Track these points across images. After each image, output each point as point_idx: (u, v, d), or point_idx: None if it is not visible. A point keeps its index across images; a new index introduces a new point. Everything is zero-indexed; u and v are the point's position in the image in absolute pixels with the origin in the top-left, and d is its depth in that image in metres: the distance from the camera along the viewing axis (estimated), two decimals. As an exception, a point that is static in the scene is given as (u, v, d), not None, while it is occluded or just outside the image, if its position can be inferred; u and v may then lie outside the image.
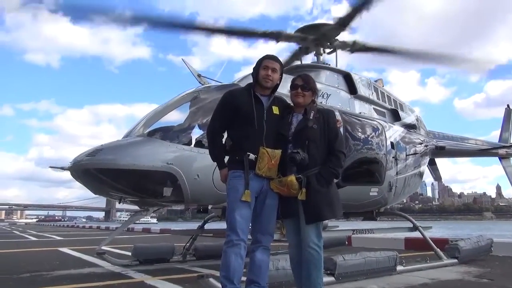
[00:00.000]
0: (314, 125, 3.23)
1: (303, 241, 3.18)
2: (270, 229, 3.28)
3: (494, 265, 6.14)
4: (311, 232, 3.15)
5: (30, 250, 10.64)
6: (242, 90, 3.43)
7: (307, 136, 3.19)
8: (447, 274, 5.23)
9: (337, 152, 3.26)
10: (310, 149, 3.15)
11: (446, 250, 6.33)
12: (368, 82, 7.75)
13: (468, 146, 11.65)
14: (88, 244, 11.30)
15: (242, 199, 3.07)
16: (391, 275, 5.07)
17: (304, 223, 3.14)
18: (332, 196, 3.21)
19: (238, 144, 3.22)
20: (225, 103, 3.36)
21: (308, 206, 3.10)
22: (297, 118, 3.34)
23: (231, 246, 3.06)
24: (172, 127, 5.20)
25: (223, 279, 3.03)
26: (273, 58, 3.38)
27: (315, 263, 3.13)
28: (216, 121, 3.38)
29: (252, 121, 3.17)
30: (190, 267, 6.34)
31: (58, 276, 5.50)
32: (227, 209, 3.17)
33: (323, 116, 3.33)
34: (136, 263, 6.43)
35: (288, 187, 3.09)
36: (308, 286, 3.16)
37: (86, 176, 4.66)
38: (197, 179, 4.72)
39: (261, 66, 3.33)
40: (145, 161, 4.55)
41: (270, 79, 3.29)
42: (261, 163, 3.11)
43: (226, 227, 3.16)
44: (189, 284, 4.51)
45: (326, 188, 3.15)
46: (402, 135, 7.76)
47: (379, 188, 6.67)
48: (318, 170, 3.15)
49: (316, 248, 3.14)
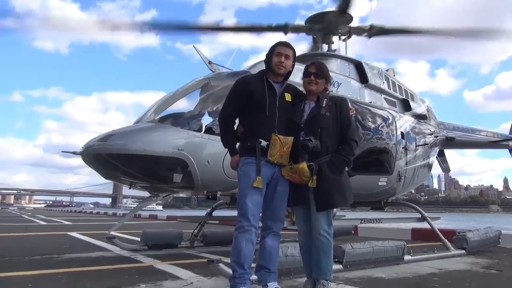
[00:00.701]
0: (326, 112, 3.23)
1: (313, 228, 3.20)
2: (281, 216, 3.30)
3: (502, 256, 6.13)
4: (322, 219, 3.16)
5: (40, 234, 10.81)
6: (254, 77, 3.43)
7: (319, 124, 3.18)
8: (455, 265, 5.23)
9: (349, 140, 3.25)
10: (322, 136, 3.15)
11: (454, 241, 6.33)
12: (379, 71, 7.68)
13: (479, 138, 11.54)
14: (96, 229, 11.45)
15: (253, 186, 3.09)
16: (399, 264, 5.08)
17: (315, 210, 3.15)
18: (343, 184, 3.22)
19: (250, 131, 3.23)
20: (238, 89, 3.36)
21: (319, 194, 3.11)
22: (309, 106, 3.34)
23: (242, 232, 3.08)
24: (183, 113, 5.22)
25: (234, 264, 3.06)
26: (286, 45, 3.37)
27: (325, 250, 3.15)
28: (229, 107, 3.38)
29: (264, 108, 3.17)
30: (198, 253, 6.41)
31: (68, 258, 5.59)
32: (238, 195, 3.20)
33: (336, 104, 3.32)
34: (145, 248, 6.52)
35: (299, 174, 3.10)
36: (318, 273, 3.19)
37: (98, 161, 4.70)
38: (208, 166, 4.74)
39: (274, 53, 3.31)
40: (156, 147, 4.57)
41: (283, 66, 3.28)
42: (273, 150, 3.12)
43: (235, 214, 3.19)
44: (198, 269, 4.55)
45: (337, 176, 3.16)
46: (412, 125, 7.71)
47: (388, 178, 6.66)
48: (330, 158, 3.15)
49: (327, 236, 3.16)
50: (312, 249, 3.23)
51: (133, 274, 4.35)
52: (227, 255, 4.48)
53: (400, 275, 4.47)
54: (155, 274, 4.39)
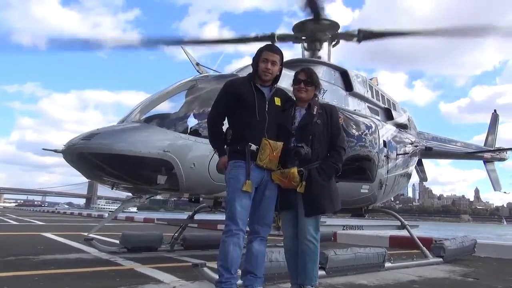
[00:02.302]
0: (318, 120, 3.27)
1: (300, 233, 3.21)
2: (269, 220, 3.29)
3: (478, 265, 6.29)
4: (310, 224, 3.18)
5: (12, 234, 10.44)
6: (243, 80, 3.41)
7: (311, 131, 3.22)
8: (434, 272, 5.34)
9: (338, 148, 3.31)
10: (313, 143, 3.19)
11: (432, 249, 6.45)
12: (364, 80, 7.81)
13: (455, 149, 11.88)
14: (71, 230, 11.15)
15: (243, 189, 3.07)
16: (379, 271, 5.14)
17: (303, 215, 3.16)
18: (332, 191, 3.26)
19: (239, 134, 3.21)
20: (227, 91, 3.34)
21: (308, 199, 3.13)
22: (300, 113, 3.36)
23: (230, 235, 3.05)
24: (169, 114, 5.14)
25: (221, 268, 3.02)
26: (272, 50, 3.35)
27: (311, 255, 3.17)
28: (218, 108, 3.35)
29: (254, 111, 3.16)
30: (178, 256, 6.32)
31: (44, 260, 5.41)
32: (227, 198, 3.17)
33: (326, 111, 3.37)
34: (124, 250, 6.37)
35: (289, 179, 3.11)
36: (303, 278, 3.20)
37: (80, 160, 4.58)
38: (193, 168, 4.68)
39: (260, 58, 3.28)
40: (142, 148, 4.49)
41: (270, 73, 3.27)
42: (263, 154, 3.11)
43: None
44: (180, 273, 4.49)
45: (327, 182, 3.19)
46: (394, 134, 7.86)
47: (370, 186, 6.75)
48: (320, 164, 3.19)
49: (314, 241, 3.18)
50: (298, 254, 3.23)
51: (113, 277, 4.24)
52: (208, 259, 4.45)
53: (381, 281, 4.53)
54: (136, 277, 4.30)
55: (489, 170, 12.95)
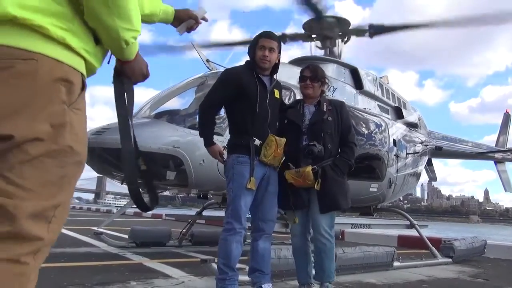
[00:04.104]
0: (328, 117, 3.24)
1: (315, 231, 3.20)
2: (272, 216, 3.25)
3: (487, 266, 6.23)
4: (325, 222, 3.17)
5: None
6: (244, 69, 3.19)
7: (323, 129, 3.20)
8: (443, 273, 5.29)
9: (350, 144, 3.30)
10: (325, 141, 3.17)
11: (441, 249, 6.40)
12: (374, 78, 7.76)
13: (465, 148, 11.75)
14: (81, 225, 11.25)
15: (247, 187, 2.99)
16: (388, 270, 5.12)
17: (317, 212, 3.14)
18: (347, 187, 3.25)
19: (242, 127, 3.10)
20: (228, 80, 3.18)
21: (324, 196, 3.11)
22: (309, 110, 3.33)
23: (233, 234, 3.00)
24: (179, 111, 5.18)
25: (224, 266, 2.99)
26: (270, 36, 3.17)
27: (327, 252, 3.17)
28: (215, 96, 3.19)
29: (255, 103, 3.05)
30: (186, 252, 6.35)
31: (55, 253, 5.45)
32: (230, 195, 3.07)
33: (336, 107, 3.35)
34: (133, 245, 6.43)
35: (304, 177, 3.10)
36: (321, 275, 3.21)
37: (91, 155, 4.61)
38: (202, 164, 4.70)
39: (257, 46, 3.12)
40: (152, 143, 4.52)
41: (268, 60, 3.11)
42: (268, 151, 3.04)
43: (226, 213, 3.10)
44: (188, 268, 4.51)
45: (341, 178, 3.19)
46: (404, 133, 7.80)
47: (379, 185, 6.72)
48: (333, 161, 3.18)
49: (329, 238, 3.17)
50: (314, 252, 3.24)
51: (123, 271, 4.28)
52: (216, 255, 4.45)
53: (390, 281, 4.50)
54: (145, 272, 4.33)
55: (500, 170, 12.80)
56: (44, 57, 1.14)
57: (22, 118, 1.10)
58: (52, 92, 1.16)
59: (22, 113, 1.11)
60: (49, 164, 1.15)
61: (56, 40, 1.18)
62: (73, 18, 1.22)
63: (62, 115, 1.17)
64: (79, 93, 1.25)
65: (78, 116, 1.24)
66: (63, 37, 1.19)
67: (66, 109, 1.19)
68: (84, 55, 1.26)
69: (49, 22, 1.16)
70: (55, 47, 1.18)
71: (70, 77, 1.20)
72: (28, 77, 1.12)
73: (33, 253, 1.11)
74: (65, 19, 1.20)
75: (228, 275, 2.99)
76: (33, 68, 1.12)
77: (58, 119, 1.16)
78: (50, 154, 1.15)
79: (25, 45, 1.13)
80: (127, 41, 1.33)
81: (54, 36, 1.17)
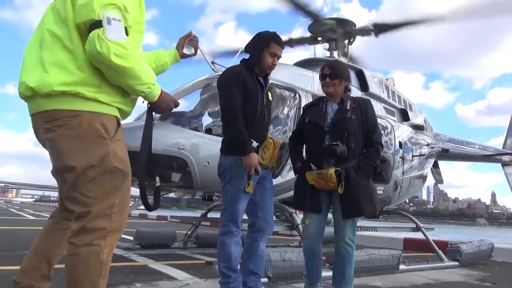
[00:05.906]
0: (352, 115, 3.10)
1: (338, 237, 3.10)
2: (271, 216, 3.24)
3: (494, 270, 6.15)
4: (348, 228, 3.07)
5: (29, 228, 10.63)
6: (244, 70, 3.08)
7: (346, 128, 3.06)
8: (449, 276, 5.24)
9: (376, 144, 3.16)
10: (349, 141, 3.03)
11: (448, 252, 6.33)
12: (380, 80, 7.71)
13: (472, 151, 11.65)
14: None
15: (246, 191, 2.96)
16: (394, 273, 5.07)
17: (340, 217, 3.03)
18: (372, 190, 3.13)
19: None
20: (238, 80, 3.02)
21: (347, 200, 2.98)
22: (332, 108, 3.21)
23: (231, 237, 2.99)
24: (184, 112, 5.17)
25: (226, 269, 2.97)
26: (281, 44, 3.12)
27: (349, 259, 3.08)
28: (235, 96, 2.97)
29: (257, 105, 3.03)
30: (191, 254, 6.34)
31: (60, 255, 5.48)
32: (228, 198, 3.03)
33: (361, 106, 3.20)
34: (138, 246, 6.44)
35: (326, 180, 2.98)
36: (341, 282, 3.12)
37: None
38: (208, 166, 4.69)
39: (268, 50, 3.03)
40: (157, 145, 4.50)
41: (273, 69, 3.13)
42: (266, 153, 3.02)
43: (222, 216, 3.06)
44: (193, 270, 4.51)
45: (366, 182, 3.04)
46: (410, 135, 7.75)
47: (385, 187, 6.67)
48: (357, 163, 3.04)
49: (352, 244, 3.08)
50: (335, 258, 3.14)
51: (128, 272, 4.28)
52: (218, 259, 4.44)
53: (396, 284, 4.47)
54: (150, 273, 4.33)
55: (507, 173, 12.66)
56: (84, 112, 1.82)
57: (79, 155, 1.80)
58: (94, 133, 1.83)
59: (78, 151, 1.81)
60: (103, 180, 1.85)
61: (91, 99, 1.83)
62: (101, 83, 1.85)
63: (106, 147, 1.86)
64: (116, 129, 1.94)
65: (118, 144, 1.95)
66: (95, 97, 1.83)
67: (108, 143, 1.87)
68: (113, 105, 1.92)
69: (84, 89, 1.80)
70: (92, 104, 1.83)
71: (105, 121, 1.86)
72: (76, 128, 1.80)
73: (103, 238, 1.82)
74: (94, 85, 1.83)
75: (231, 278, 2.97)
76: (78, 121, 1.81)
77: (103, 151, 1.85)
78: (102, 173, 1.84)
79: (71, 107, 1.80)
80: (143, 92, 1.92)
81: (89, 97, 1.82)
